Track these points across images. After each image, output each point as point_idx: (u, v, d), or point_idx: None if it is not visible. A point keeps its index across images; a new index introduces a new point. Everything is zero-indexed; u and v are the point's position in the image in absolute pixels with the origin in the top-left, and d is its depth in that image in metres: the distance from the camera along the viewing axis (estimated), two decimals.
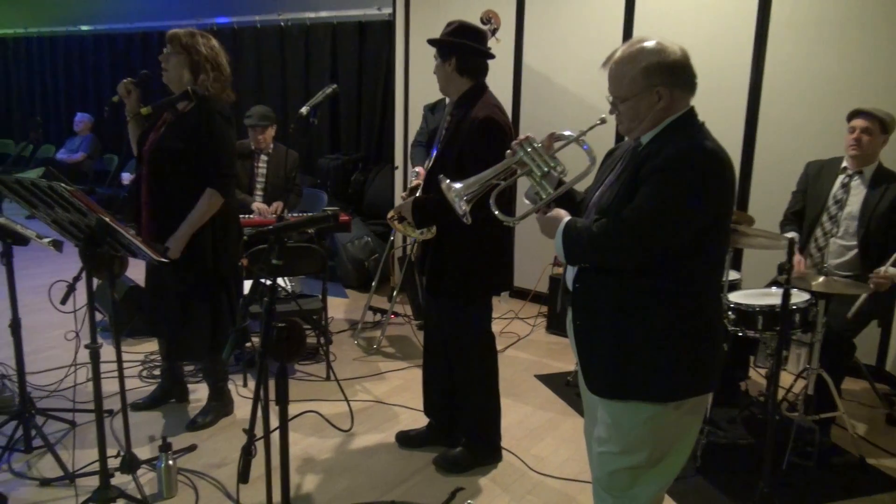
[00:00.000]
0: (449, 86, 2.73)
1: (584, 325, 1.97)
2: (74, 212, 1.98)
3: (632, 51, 1.90)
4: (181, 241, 2.83)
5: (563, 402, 3.70)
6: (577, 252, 1.87)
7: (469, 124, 2.61)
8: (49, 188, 1.91)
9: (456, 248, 2.68)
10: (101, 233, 1.98)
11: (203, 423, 3.30)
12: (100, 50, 8.93)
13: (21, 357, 2.93)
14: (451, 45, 2.67)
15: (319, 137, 6.79)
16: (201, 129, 2.88)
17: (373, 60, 6.41)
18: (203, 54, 3.00)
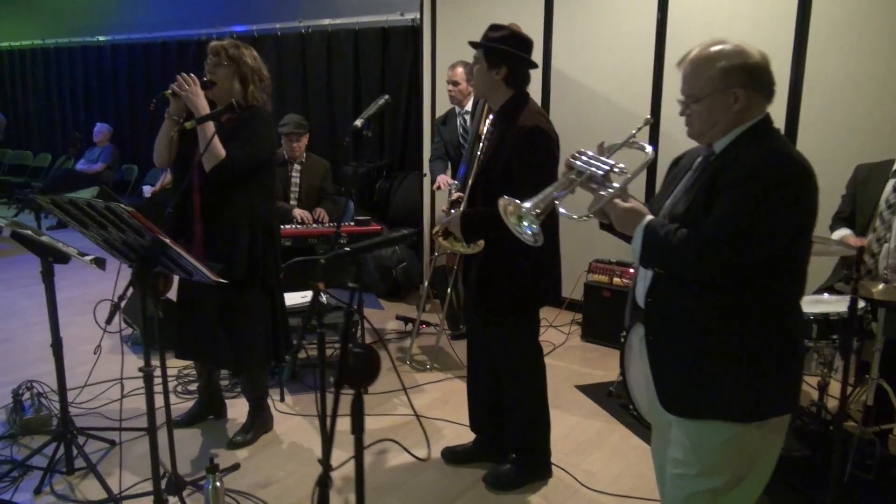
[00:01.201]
0: (491, 94, 2.65)
1: (659, 342, 1.90)
2: (131, 232, 1.93)
3: (710, 51, 1.83)
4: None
5: (607, 413, 3.62)
6: (654, 255, 1.79)
7: (516, 134, 2.54)
8: (106, 209, 1.86)
9: (504, 260, 2.61)
10: (157, 253, 1.93)
11: (244, 440, 3.25)
12: (119, 60, 8.92)
13: (63, 377, 2.88)
14: (504, 55, 2.60)
15: (341, 145, 6.73)
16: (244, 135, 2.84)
17: (396, 67, 6.36)
18: (249, 65, 2.97)
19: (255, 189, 2.98)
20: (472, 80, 4.42)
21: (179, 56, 8.16)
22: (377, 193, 6.22)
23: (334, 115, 6.81)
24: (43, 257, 2.71)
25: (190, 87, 2.84)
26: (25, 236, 2.61)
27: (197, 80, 2.90)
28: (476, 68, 2.64)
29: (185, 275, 2.10)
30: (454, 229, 2.63)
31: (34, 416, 3.33)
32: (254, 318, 3.03)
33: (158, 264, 2.04)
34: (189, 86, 2.85)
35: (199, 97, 2.84)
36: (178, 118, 2.90)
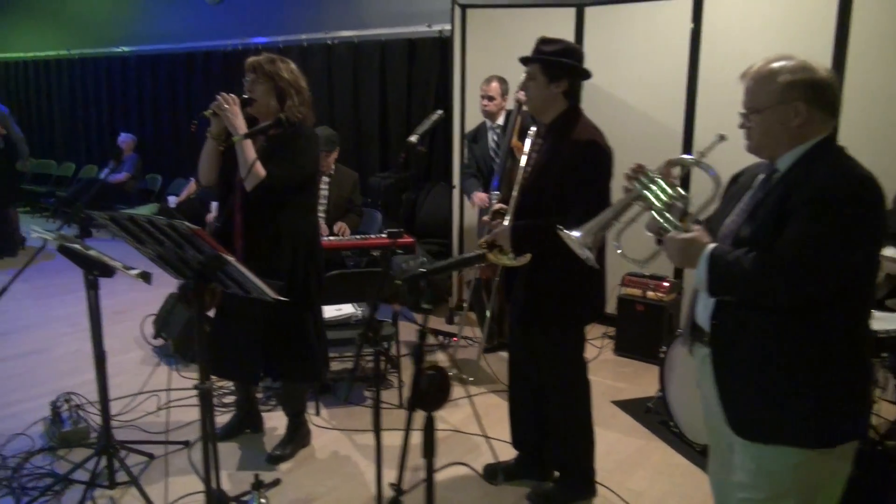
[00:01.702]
0: (548, 107, 2.63)
1: (727, 364, 1.86)
2: (189, 248, 1.92)
3: (773, 65, 1.82)
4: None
5: (646, 429, 3.58)
6: (722, 284, 1.76)
7: (571, 148, 2.52)
8: (169, 226, 1.86)
9: (554, 274, 2.59)
10: (214, 269, 1.92)
11: (283, 455, 3.23)
12: (143, 70, 8.98)
13: (105, 390, 2.87)
14: (565, 68, 2.58)
15: (369, 156, 6.75)
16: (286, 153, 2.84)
17: (423, 78, 6.36)
18: (286, 79, 2.96)
19: (297, 207, 2.98)
20: (507, 95, 4.49)
21: (205, 67, 8.21)
22: (403, 205, 6.22)
23: (360, 126, 6.82)
24: (88, 271, 2.70)
25: (229, 107, 2.83)
26: (73, 250, 2.61)
27: (237, 99, 2.89)
28: (532, 84, 2.61)
29: (242, 291, 2.09)
30: (503, 242, 2.60)
31: (73, 429, 3.34)
32: (294, 334, 3.01)
33: (214, 280, 2.03)
34: (228, 105, 2.84)
35: (237, 117, 2.83)
36: (220, 136, 2.90)
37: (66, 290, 5.92)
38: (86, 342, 4.72)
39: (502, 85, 4.49)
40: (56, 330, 5.06)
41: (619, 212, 1.99)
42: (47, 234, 2.66)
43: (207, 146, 2.97)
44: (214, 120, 2.88)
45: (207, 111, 2.85)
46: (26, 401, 3.84)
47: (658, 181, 1.92)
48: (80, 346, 4.70)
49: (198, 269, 1.97)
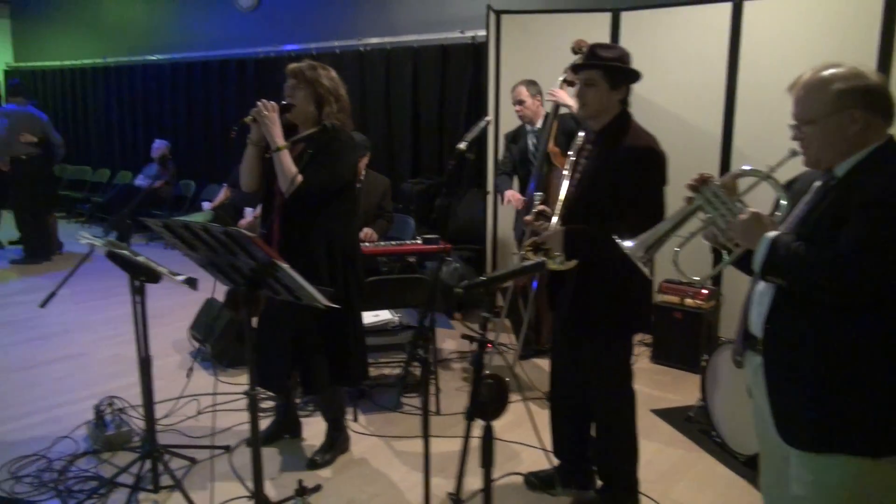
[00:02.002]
0: (605, 114, 2.61)
1: (779, 371, 1.83)
2: (243, 255, 1.94)
3: (824, 74, 1.79)
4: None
5: (687, 439, 3.53)
6: (778, 264, 1.73)
7: (627, 154, 2.50)
8: (224, 234, 1.88)
9: (605, 282, 2.56)
10: (266, 276, 1.94)
11: (323, 461, 3.24)
12: (178, 78, 9.11)
13: (150, 395, 2.90)
14: (626, 74, 2.58)
15: (401, 162, 6.77)
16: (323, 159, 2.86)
17: (455, 84, 6.38)
18: (326, 86, 2.98)
19: (335, 213, 2.99)
20: (540, 96, 4.47)
21: (238, 74, 8.31)
22: (436, 210, 6.22)
23: (392, 132, 6.85)
24: (135, 277, 2.74)
25: (268, 114, 2.85)
26: (122, 256, 2.65)
27: (276, 106, 2.91)
28: (591, 90, 2.57)
29: (293, 298, 2.10)
30: (554, 245, 2.56)
31: (116, 433, 3.38)
32: (333, 340, 3.02)
33: (265, 287, 2.05)
34: (267, 111, 2.85)
35: (275, 124, 2.85)
36: (261, 143, 2.93)
37: (103, 294, 6.02)
38: (124, 346, 4.86)
39: (529, 88, 4.48)
40: (95, 334, 5.14)
41: (678, 224, 1.98)
42: (96, 240, 2.70)
43: (248, 153, 3.00)
44: (254, 126, 2.91)
45: (247, 118, 2.87)
46: (69, 404, 3.90)
47: (720, 194, 1.90)
48: (119, 351, 4.78)
49: (249, 276, 1.98)
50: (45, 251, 7.53)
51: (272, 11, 8.10)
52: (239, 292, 2.15)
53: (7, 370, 4.42)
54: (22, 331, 5.21)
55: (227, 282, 2.17)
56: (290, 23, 7.88)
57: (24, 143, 7.13)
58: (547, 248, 2.57)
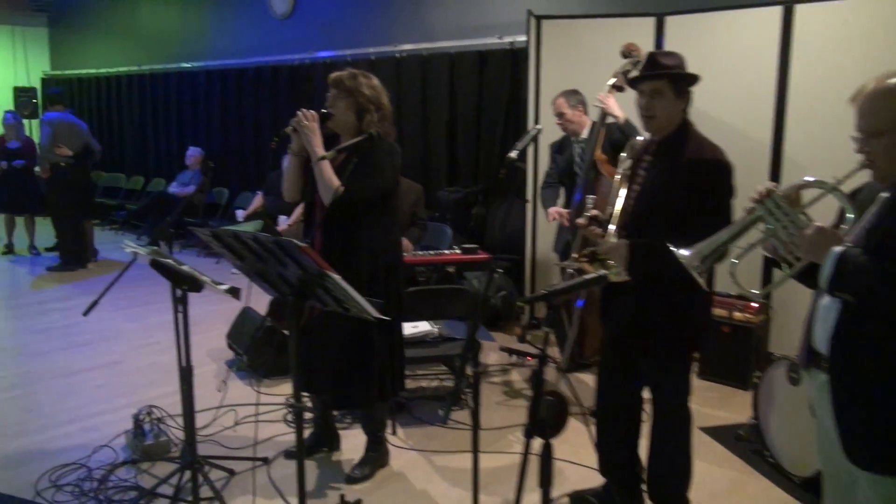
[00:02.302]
0: (670, 123, 2.58)
1: (847, 388, 1.79)
2: (292, 265, 1.95)
3: (890, 83, 1.74)
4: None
5: (738, 459, 3.47)
6: (848, 277, 1.69)
7: (694, 165, 2.48)
8: (274, 244, 1.89)
9: (670, 297, 2.54)
10: (315, 287, 1.95)
11: (362, 475, 3.24)
12: (212, 85, 9.24)
13: (191, 405, 2.93)
14: (691, 82, 2.57)
15: (437, 170, 6.78)
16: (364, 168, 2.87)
17: (493, 91, 6.37)
18: (366, 95, 2.99)
19: (377, 223, 3.00)
20: (581, 106, 4.44)
21: (273, 81, 8.40)
22: (473, 219, 6.22)
23: (428, 140, 6.87)
24: (178, 286, 2.77)
25: (308, 124, 2.87)
26: (166, 265, 2.68)
27: (316, 116, 2.92)
28: (659, 100, 2.55)
29: (342, 310, 2.11)
30: (615, 257, 2.52)
31: (155, 442, 3.42)
32: (375, 353, 3.02)
33: (313, 297, 2.06)
34: (307, 121, 2.87)
35: (315, 135, 2.86)
36: (302, 152, 2.94)
37: (139, 302, 6.12)
38: (160, 355, 4.93)
39: (569, 99, 4.44)
40: (132, 342, 5.22)
41: (736, 235, 1.95)
42: (140, 248, 2.74)
43: (290, 162, 3.02)
44: (295, 136, 2.92)
45: (288, 128, 2.89)
46: (107, 412, 3.96)
47: (783, 205, 1.86)
48: (156, 359, 4.85)
49: (297, 287, 1.99)
50: (81, 258, 7.69)
51: (307, 18, 8.19)
52: (285, 303, 2.16)
53: (45, 378, 4.51)
54: (59, 338, 5.31)
55: (274, 292, 2.19)
56: (325, 29, 7.96)
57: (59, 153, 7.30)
58: (603, 259, 2.54)
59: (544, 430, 1.51)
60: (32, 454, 3.47)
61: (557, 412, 1.52)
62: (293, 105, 8.64)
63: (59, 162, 7.36)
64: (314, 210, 3.01)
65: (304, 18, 8.22)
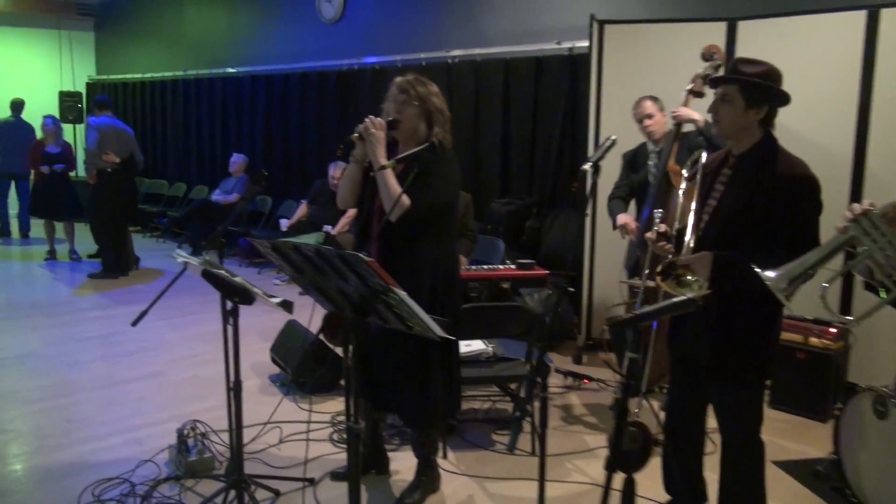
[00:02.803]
0: (740, 135, 2.54)
1: None
2: (355, 281, 1.94)
3: None
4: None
5: (817, 497, 3.34)
6: None
7: (783, 182, 2.42)
8: (339, 257, 1.88)
9: (751, 320, 2.49)
10: (376, 302, 1.93)
11: (412, 500, 3.21)
12: (257, 90, 9.38)
13: (240, 421, 2.94)
14: (768, 92, 2.50)
15: (489, 180, 6.75)
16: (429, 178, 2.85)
17: (549, 98, 6.32)
18: (435, 104, 2.99)
19: (437, 235, 2.98)
20: (665, 112, 4.37)
21: (320, 87, 8.49)
22: (526, 233, 6.16)
23: (480, 148, 6.85)
24: (229, 298, 2.79)
25: (375, 132, 2.85)
26: (218, 276, 2.70)
27: (383, 124, 2.91)
28: (725, 107, 2.51)
29: (404, 328, 2.09)
30: (698, 268, 2.45)
31: (198, 459, 3.44)
32: (433, 372, 2.99)
33: (373, 314, 2.04)
34: (375, 128, 2.86)
35: (380, 145, 2.84)
36: (365, 160, 2.94)
37: (181, 312, 6.21)
38: (202, 367, 4.99)
39: (656, 102, 4.38)
40: (173, 353, 5.29)
41: (827, 256, 1.88)
42: (192, 258, 2.76)
43: (350, 170, 3.01)
44: (359, 143, 2.92)
45: (354, 135, 2.89)
46: (149, 426, 4.01)
47: (880, 225, 1.79)
48: (197, 372, 4.90)
49: (358, 302, 1.98)
50: (123, 266, 7.85)
51: (355, 23, 8.27)
52: (343, 318, 2.14)
53: (87, 388, 4.59)
54: (100, 347, 5.42)
55: (332, 307, 2.18)
56: (374, 34, 8.03)
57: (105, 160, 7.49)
58: (680, 274, 2.47)
59: (627, 463, 1.45)
60: (75, 467, 3.53)
61: (641, 445, 1.46)
62: (339, 111, 8.73)
63: (106, 168, 7.54)
64: (370, 221, 3.00)
65: (352, 23, 8.31)
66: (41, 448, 3.74)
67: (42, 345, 5.49)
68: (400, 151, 3.00)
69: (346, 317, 2.08)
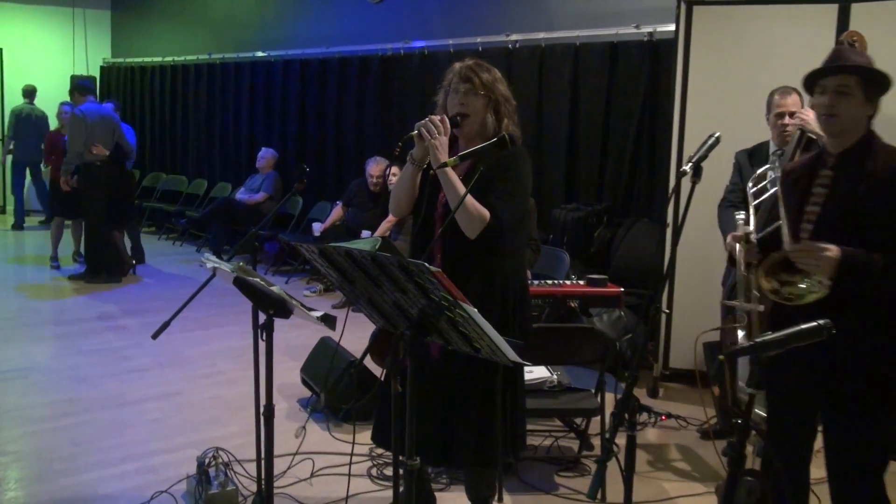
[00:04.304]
0: (853, 130, 2.53)
1: None
2: (415, 294, 1.90)
3: None
4: None
5: None
6: None
7: (889, 175, 2.43)
8: (399, 266, 1.84)
9: (878, 341, 2.43)
10: (439, 320, 1.89)
11: None
12: (290, 78, 9.45)
13: (270, 453, 2.92)
14: (884, 83, 2.51)
15: (552, 183, 6.69)
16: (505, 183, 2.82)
17: (625, 89, 6.24)
18: (502, 93, 2.95)
19: (510, 246, 2.94)
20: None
21: (361, 74, 8.51)
22: (595, 244, 6.08)
23: (543, 146, 6.79)
24: (264, 309, 2.78)
25: (438, 137, 2.78)
26: (251, 284, 2.69)
27: (446, 122, 2.83)
28: (844, 100, 2.48)
29: (470, 349, 2.04)
30: (822, 264, 2.38)
31: (221, 491, 3.43)
32: (494, 401, 2.93)
33: (434, 333, 2.00)
34: (439, 133, 2.79)
35: (442, 150, 2.78)
36: (424, 161, 2.89)
37: (202, 324, 6.27)
38: (225, 387, 5.01)
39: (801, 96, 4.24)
40: (192, 370, 5.33)
41: None
42: (223, 264, 2.76)
43: (407, 172, 2.97)
44: (419, 142, 2.87)
45: (413, 132, 2.84)
46: (165, 451, 4.03)
47: None
48: (219, 392, 4.93)
49: (417, 319, 1.94)
50: (114, 270, 7.97)
51: (403, 2, 8.29)
52: (395, 337, 2.11)
53: (97, 407, 4.64)
54: (112, 362, 5.48)
55: (386, 323, 2.14)
56: (424, 14, 8.05)
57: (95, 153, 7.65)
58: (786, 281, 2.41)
59: None
60: (81, 496, 3.56)
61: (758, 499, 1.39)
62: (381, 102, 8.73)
63: (95, 161, 7.68)
64: (430, 227, 2.94)
65: (400, 3, 8.33)
66: (44, 474, 3.78)
67: (46, 357, 5.59)
68: (462, 149, 2.96)
69: (402, 335, 2.04)
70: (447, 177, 2.76)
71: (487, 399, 2.90)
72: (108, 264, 7.96)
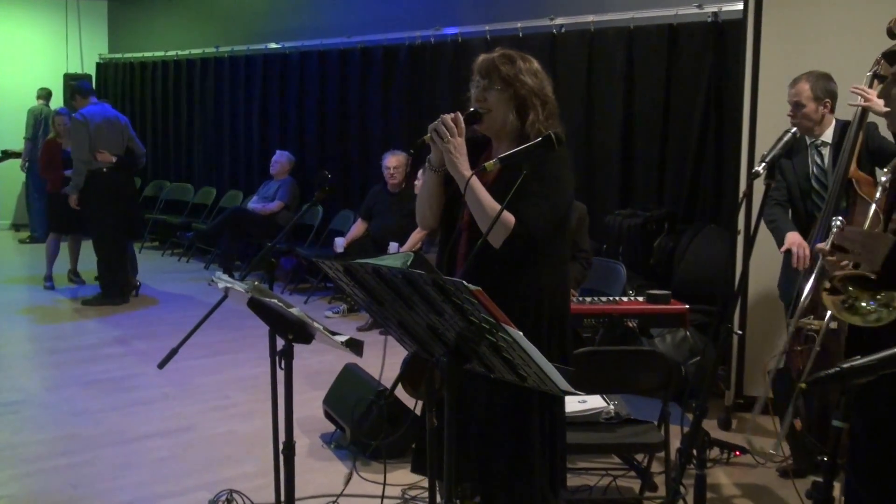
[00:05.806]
0: None
1: None
2: (452, 316, 1.92)
3: None
4: None
5: None
6: None
7: None
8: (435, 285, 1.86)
9: None
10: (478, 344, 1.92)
11: None
12: (307, 72, 9.55)
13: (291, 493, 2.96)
14: None
15: (605, 186, 6.69)
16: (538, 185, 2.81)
17: (687, 76, 6.24)
18: (529, 86, 2.94)
19: (548, 257, 2.96)
20: (829, 100, 4.26)
21: (387, 66, 8.57)
22: (655, 254, 6.07)
23: (594, 141, 6.80)
24: (282, 335, 2.82)
25: (451, 139, 2.78)
26: (268, 306, 2.73)
27: (460, 122, 2.83)
28: None
29: (514, 377, 2.06)
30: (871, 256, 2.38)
31: None
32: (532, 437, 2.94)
33: (475, 359, 2.02)
34: (452, 135, 2.79)
35: (458, 153, 2.79)
36: (442, 169, 2.91)
37: (212, 350, 6.35)
38: (238, 421, 5.07)
39: (815, 85, 4.26)
40: (202, 402, 5.40)
41: None
42: (236, 283, 2.81)
43: (427, 180, 3.00)
44: (434, 146, 2.88)
45: (426, 136, 2.85)
46: (174, 495, 4.09)
47: None
48: (233, 426, 4.98)
49: (454, 343, 1.96)
50: (125, 290, 8.09)
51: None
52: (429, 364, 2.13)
53: (97, 445, 4.71)
54: (114, 393, 5.57)
55: (419, 348, 2.17)
56: None
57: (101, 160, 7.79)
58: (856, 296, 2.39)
59: None
60: None
61: None
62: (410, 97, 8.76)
63: (101, 168, 7.81)
64: (459, 240, 2.98)
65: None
66: None
67: (41, 389, 5.69)
68: (494, 150, 2.99)
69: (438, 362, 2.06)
70: (473, 193, 2.78)
71: (524, 430, 2.92)
72: (122, 284, 8.10)
